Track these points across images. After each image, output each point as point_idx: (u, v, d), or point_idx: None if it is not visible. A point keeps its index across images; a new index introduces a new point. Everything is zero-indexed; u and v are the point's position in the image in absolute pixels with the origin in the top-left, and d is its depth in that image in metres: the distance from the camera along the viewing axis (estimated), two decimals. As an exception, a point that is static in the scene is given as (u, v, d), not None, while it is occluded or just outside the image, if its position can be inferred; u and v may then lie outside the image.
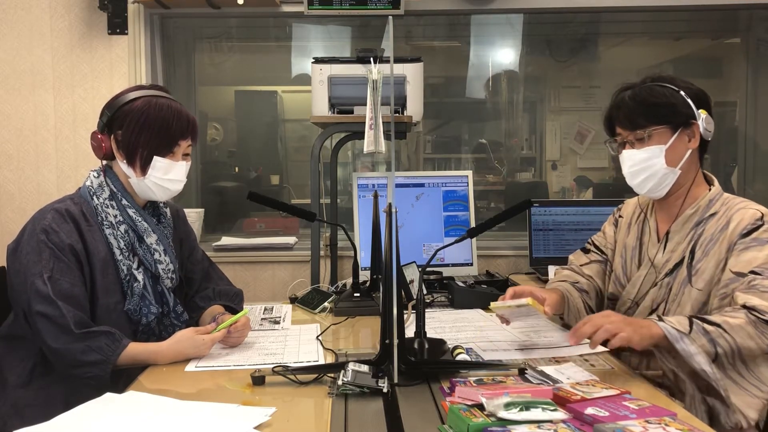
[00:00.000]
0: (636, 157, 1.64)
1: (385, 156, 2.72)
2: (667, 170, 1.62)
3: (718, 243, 1.57)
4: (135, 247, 1.65)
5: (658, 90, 1.62)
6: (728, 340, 1.39)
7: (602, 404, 1.14)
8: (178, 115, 1.63)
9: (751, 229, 1.53)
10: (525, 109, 3.64)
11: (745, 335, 1.39)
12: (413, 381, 1.36)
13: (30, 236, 1.55)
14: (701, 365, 1.39)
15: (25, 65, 2.85)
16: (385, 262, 1.34)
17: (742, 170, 3.33)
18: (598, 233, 1.91)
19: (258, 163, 3.66)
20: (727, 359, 1.41)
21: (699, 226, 1.62)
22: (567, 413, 1.10)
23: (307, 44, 3.44)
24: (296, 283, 2.59)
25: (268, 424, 1.15)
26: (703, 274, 1.58)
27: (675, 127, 1.61)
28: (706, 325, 1.40)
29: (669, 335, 1.39)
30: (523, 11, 3.13)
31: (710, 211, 1.62)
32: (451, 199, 2.60)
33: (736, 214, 1.57)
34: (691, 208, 1.64)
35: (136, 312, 1.63)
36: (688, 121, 1.61)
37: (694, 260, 1.60)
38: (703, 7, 3.01)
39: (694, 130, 1.61)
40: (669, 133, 1.61)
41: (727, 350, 1.39)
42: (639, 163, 1.64)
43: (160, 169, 1.63)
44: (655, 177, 1.63)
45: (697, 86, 1.65)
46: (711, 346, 1.38)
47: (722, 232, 1.57)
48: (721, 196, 1.64)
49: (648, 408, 1.13)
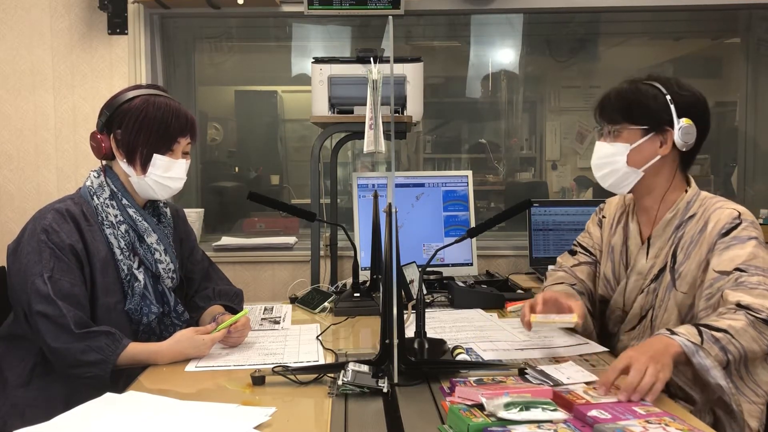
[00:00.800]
0: (602, 150, 1.65)
1: (385, 156, 2.72)
2: (629, 170, 1.61)
3: (698, 245, 1.56)
4: (135, 246, 1.65)
5: (643, 89, 1.61)
6: (737, 347, 1.35)
7: (608, 407, 1.14)
8: (176, 112, 1.64)
9: (729, 228, 1.52)
10: (525, 109, 3.64)
11: (749, 339, 1.36)
12: (413, 381, 1.35)
13: (30, 236, 1.55)
14: (717, 380, 1.33)
15: (25, 65, 2.85)
16: (385, 262, 1.34)
17: (742, 170, 3.33)
18: (582, 233, 1.90)
19: (258, 163, 3.66)
20: (734, 366, 1.39)
21: (679, 229, 1.61)
22: (568, 414, 1.10)
23: (307, 44, 3.44)
24: (296, 283, 2.59)
25: (268, 424, 1.15)
26: (686, 277, 1.57)
27: (647, 130, 1.59)
28: (713, 332, 1.36)
29: (686, 349, 1.32)
30: (523, 11, 3.13)
31: (689, 213, 1.61)
32: (451, 199, 2.60)
33: (713, 215, 1.56)
34: (670, 211, 1.62)
35: (137, 311, 1.63)
36: (662, 126, 1.58)
37: (676, 264, 1.59)
38: (703, 7, 3.01)
39: (667, 137, 1.58)
40: (639, 134, 1.60)
41: (737, 357, 1.36)
42: (603, 157, 1.64)
43: (161, 167, 1.63)
44: (616, 174, 1.63)
45: (694, 94, 1.60)
46: (723, 354, 1.34)
47: (701, 234, 1.56)
48: (698, 196, 1.63)
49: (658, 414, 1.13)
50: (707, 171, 3.42)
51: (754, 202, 3.13)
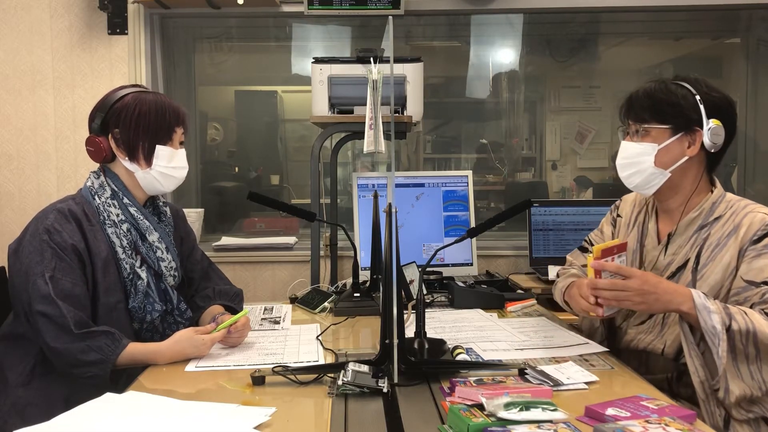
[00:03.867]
0: (629, 150, 1.62)
1: (385, 156, 2.72)
2: (656, 170, 1.59)
3: (725, 248, 1.54)
4: (138, 245, 1.66)
5: (672, 88, 1.59)
6: (746, 320, 1.39)
7: (621, 404, 1.14)
8: (167, 103, 1.68)
9: (761, 235, 1.50)
10: (525, 109, 3.64)
11: (764, 323, 1.39)
12: (413, 381, 1.35)
13: (32, 236, 1.55)
14: (714, 323, 1.38)
15: (25, 65, 2.85)
16: (385, 262, 1.34)
17: (742, 170, 3.33)
18: (595, 231, 1.89)
19: (258, 163, 3.66)
20: (740, 338, 1.39)
21: (703, 230, 1.59)
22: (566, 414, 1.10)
23: (307, 44, 3.44)
24: (296, 283, 2.60)
25: (268, 424, 1.15)
26: (708, 279, 1.55)
27: (675, 130, 1.57)
28: (726, 304, 1.43)
29: (694, 294, 1.42)
30: (523, 11, 3.13)
31: (714, 215, 1.59)
32: (451, 199, 2.60)
33: (744, 219, 1.54)
34: (694, 211, 1.61)
35: (141, 310, 1.63)
36: (691, 127, 1.57)
37: (699, 265, 1.57)
38: (703, 7, 3.02)
39: (695, 138, 1.56)
40: (667, 134, 1.58)
41: (743, 328, 1.38)
42: (630, 156, 1.62)
43: (164, 158, 1.65)
44: (643, 174, 1.61)
45: (723, 95, 1.59)
46: (727, 317, 1.39)
47: (730, 237, 1.54)
48: (723, 198, 1.61)
49: (667, 407, 1.13)
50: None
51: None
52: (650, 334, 1.64)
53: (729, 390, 1.40)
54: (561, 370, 1.39)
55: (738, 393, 1.40)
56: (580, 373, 1.38)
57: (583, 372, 1.38)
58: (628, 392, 1.26)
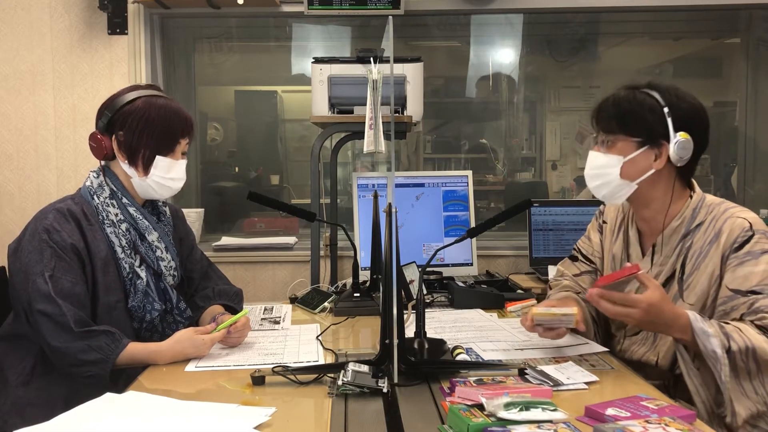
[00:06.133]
0: (596, 161, 1.60)
1: (385, 156, 2.72)
2: (622, 182, 1.57)
3: (707, 256, 1.53)
4: (137, 244, 1.66)
5: (640, 98, 1.55)
6: (743, 337, 1.37)
7: (621, 404, 1.14)
8: (177, 114, 1.65)
9: (742, 242, 1.49)
10: (525, 109, 3.64)
11: (761, 338, 1.38)
12: (413, 381, 1.35)
13: (32, 236, 1.55)
14: (713, 347, 1.36)
15: (25, 65, 2.85)
16: (385, 262, 1.34)
17: (742, 170, 3.33)
18: (582, 238, 1.87)
19: (258, 163, 3.66)
20: (741, 356, 1.38)
21: (686, 238, 1.57)
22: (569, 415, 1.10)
23: (307, 44, 3.44)
24: (296, 283, 2.59)
25: (268, 424, 1.15)
26: (694, 289, 1.54)
27: (641, 143, 1.55)
28: (723, 323, 1.41)
29: (691, 316, 1.40)
30: (523, 11, 3.13)
31: (696, 222, 1.57)
32: (451, 199, 2.60)
33: (725, 225, 1.52)
34: (676, 220, 1.59)
35: (140, 309, 1.63)
36: (657, 140, 1.53)
37: (684, 274, 1.56)
38: (703, 7, 3.01)
39: (662, 151, 1.54)
40: (633, 147, 1.55)
41: (742, 347, 1.37)
42: (597, 167, 1.60)
43: (163, 168, 1.64)
44: (609, 186, 1.59)
45: (693, 106, 1.55)
46: (725, 339, 1.37)
47: (712, 245, 1.53)
48: (703, 202, 1.59)
49: (667, 407, 1.13)
50: (707, 171, 3.43)
51: (754, 202, 3.13)
52: (643, 346, 1.64)
53: (735, 413, 1.39)
54: (561, 370, 1.39)
55: (745, 415, 1.39)
56: (580, 373, 1.37)
57: (583, 372, 1.38)
58: (628, 392, 1.26)
